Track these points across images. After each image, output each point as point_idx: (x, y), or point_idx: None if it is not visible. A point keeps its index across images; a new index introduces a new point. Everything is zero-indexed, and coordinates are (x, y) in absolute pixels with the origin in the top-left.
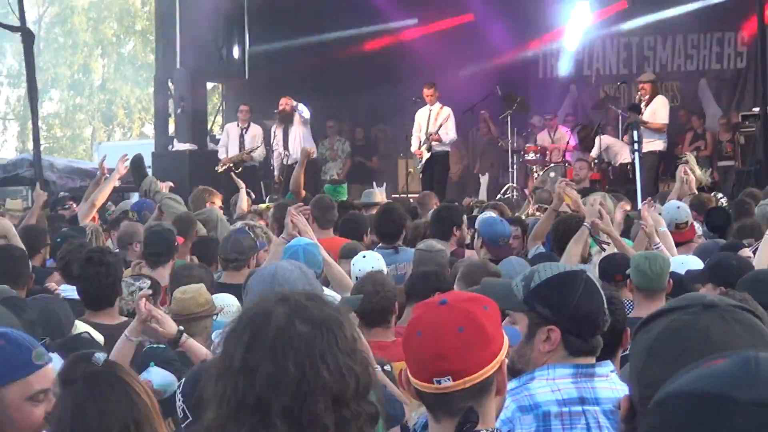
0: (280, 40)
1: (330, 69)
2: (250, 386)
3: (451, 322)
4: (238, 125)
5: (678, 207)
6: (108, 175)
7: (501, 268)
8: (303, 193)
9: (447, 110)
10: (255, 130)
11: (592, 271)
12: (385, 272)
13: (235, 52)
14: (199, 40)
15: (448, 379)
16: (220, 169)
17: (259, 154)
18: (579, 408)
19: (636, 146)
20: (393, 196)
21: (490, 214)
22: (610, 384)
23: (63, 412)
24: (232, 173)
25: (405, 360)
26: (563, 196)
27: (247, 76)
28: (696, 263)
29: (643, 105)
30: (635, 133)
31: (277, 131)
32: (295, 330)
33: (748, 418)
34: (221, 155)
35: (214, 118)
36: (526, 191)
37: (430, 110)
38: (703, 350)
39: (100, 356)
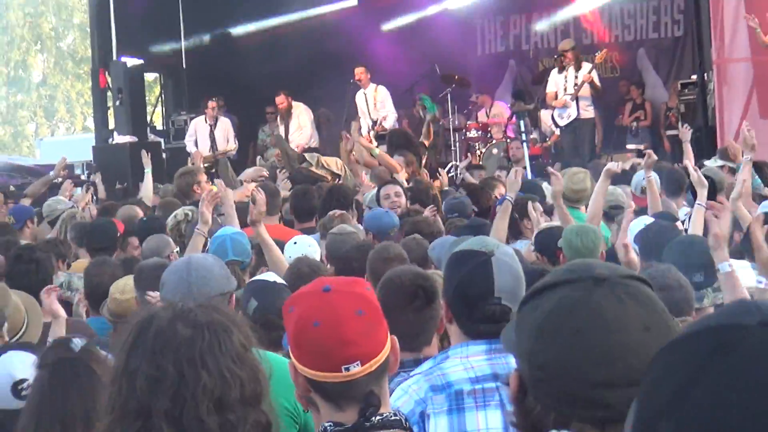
0: (216, 28)
1: (267, 55)
2: (131, 390)
3: (348, 307)
4: (206, 121)
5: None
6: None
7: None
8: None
9: (382, 90)
10: (224, 124)
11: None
12: (318, 257)
13: (172, 41)
14: (135, 31)
15: (357, 365)
16: (199, 164)
17: (233, 150)
18: (492, 384)
19: (524, 136)
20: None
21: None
22: None
23: (31, 397)
24: (143, 151)
25: (296, 354)
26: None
27: (184, 66)
28: None
29: (566, 70)
30: (522, 122)
31: (279, 127)
32: (176, 332)
33: (759, 337)
34: (190, 149)
35: (154, 108)
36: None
37: (365, 93)
38: (597, 329)
39: (77, 342)
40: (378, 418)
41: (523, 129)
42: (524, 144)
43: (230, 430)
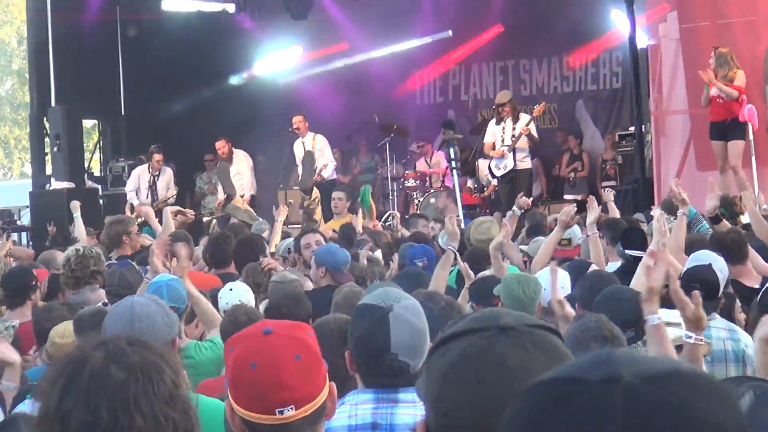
0: (155, 75)
1: (204, 103)
2: None
3: (287, 350)
4: (149, 171)
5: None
6: None
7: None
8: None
9: (320, 139)
10: (167, 174)
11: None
12: (253, 304)
13: (111, 88)
14: (74, 78)
15: (291, 409)
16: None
17: (172, 197)
18: None
19: (454, 164)
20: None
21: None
22: (415, 410)
23: None
24: (73, 201)
25: (233, 394)
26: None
27: (123, 112)
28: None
29: (504, 122)
30: (452, 150)
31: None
32: (110, 375)
33: (595, 394)
34: (131, 198)
35: (92, 155)
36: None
37: (303, 142)
38: (500, 378)
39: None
40: None
41: (453, 156)
42: (454, 171)
43: None
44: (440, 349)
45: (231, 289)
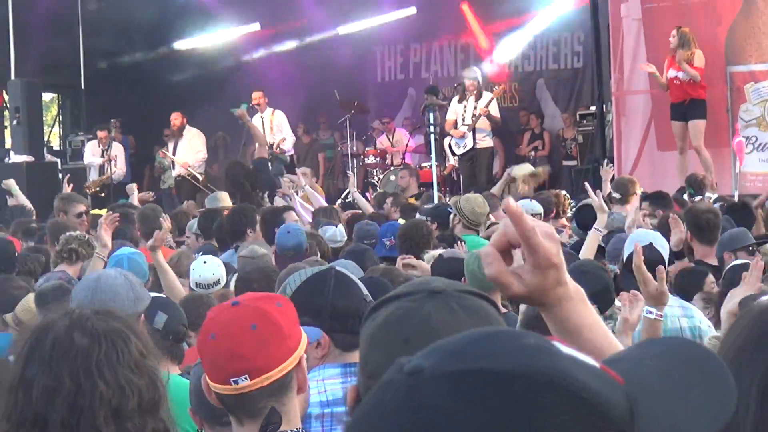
0: (115, 50)
1: (165, 78)
2: (28, 401)
3: (244, 321)
4: (99, 146)
5: (530, 199)
6: None
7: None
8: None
9: (279, 114)
10: (116, 150)
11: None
12: (225, 278)
13: (71, 61)
14: (34, 50)
15: (245, 378)
16: (89, 192)
17: (118, 175)
18: (343, 408)
19: (431, 129)
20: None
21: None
22: None
23: None
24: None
25: (203, 366)
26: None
27: (83, 86)
28: None
29: (466, 100)
30: (431, 115)
31: (169, 146)
32: (73, 342)
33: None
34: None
35: (51, 128)
36: (368, 195)
37: (262, 117)
38: (425, 337)
39: None
40: None
41: (432, 122)
42: (432, 136)
43: None
44: (372, 314)
45: (205, 262)
